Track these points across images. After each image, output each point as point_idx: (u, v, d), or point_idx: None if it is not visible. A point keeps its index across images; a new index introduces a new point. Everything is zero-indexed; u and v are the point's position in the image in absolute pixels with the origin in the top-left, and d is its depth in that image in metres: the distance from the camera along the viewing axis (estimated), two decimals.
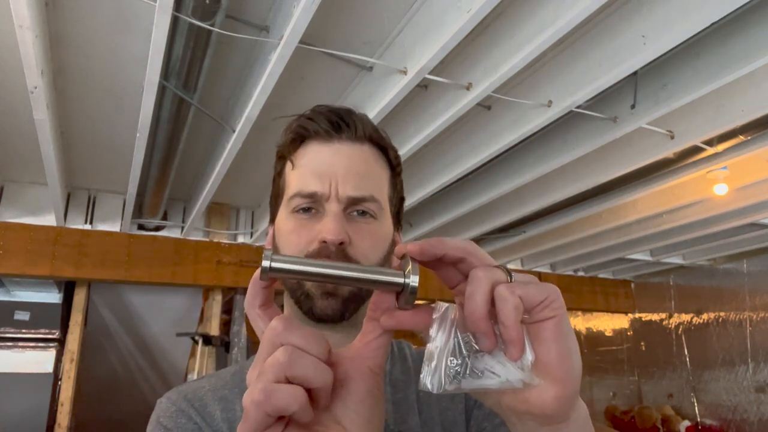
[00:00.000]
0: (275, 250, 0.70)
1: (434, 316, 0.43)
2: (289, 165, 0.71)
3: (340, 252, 0.64)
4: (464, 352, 0.42)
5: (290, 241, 0.67)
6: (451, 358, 0.41)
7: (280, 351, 0.40)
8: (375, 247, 0.68)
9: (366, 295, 0.67)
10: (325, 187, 0.66)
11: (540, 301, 0.41)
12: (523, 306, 0.40)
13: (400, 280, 0.43)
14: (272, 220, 0.76)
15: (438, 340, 0.42)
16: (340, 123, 0.69)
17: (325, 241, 0.63)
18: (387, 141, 0.74)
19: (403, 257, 0.44)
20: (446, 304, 0.43)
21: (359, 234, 0.66)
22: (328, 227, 0.64)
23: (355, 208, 0.67)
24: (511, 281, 0.42)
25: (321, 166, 0.68)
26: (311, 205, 0.67)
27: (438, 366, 0.41)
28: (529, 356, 0.41)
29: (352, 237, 0.65)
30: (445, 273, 0.45)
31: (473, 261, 0.43)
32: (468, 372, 0.41)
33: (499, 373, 0.41)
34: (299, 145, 0.71)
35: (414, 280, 0.42)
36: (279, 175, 0.74)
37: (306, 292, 0.65)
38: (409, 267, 0.43)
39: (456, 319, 0.42)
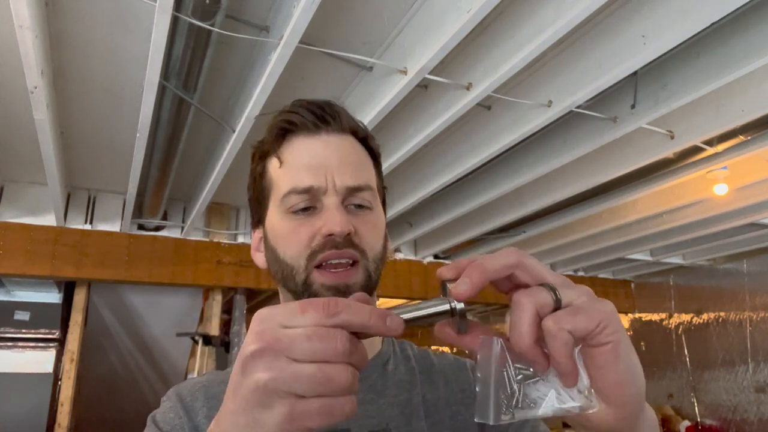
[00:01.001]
0: (268, 254, 0.68)
1: (480, 350, 0.42)
2: (274, 162, 0.68)
3: (347, 242, 0.62)
4: (515, 383, 0.41)
5: (291, 242, 0.65)
6: (503, 390, 0.41)
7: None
8: (376, 237, 0.67)
9: (374, 286, 0.66)
10: (321, 180, 0.64)
11: (591, 330, 0.39)
12: (573, 339, 0.39)
13: (446, 306, 0.42)
14: (256, 224, 0.73)
15: (487, 370, 0.41)
16: (324, 115, 0.68)
17: (330, 234, 0.62)
18: (367, 131, 0.73)
19: (442, 286, 0.44)
20: (493, 337, 0.42)
21: (362, 224, 0.65)
22: (334, 219, 0.62)
23: (352, 200, 0.66)
24: (556, 298, 0.40)
25: (313, 159, 0.65)
26: (308, 203, 0.64)
27: (489, 397, 0.41)
28: (584, 381, 0.40)
29: (357, 227, 0.64)
30: (494, 282, 0.45)
31: (519, 275, 0.43)
32: (521, 403, 0.41)
33: (554, 401, 0.40)
34: (283, 140, 0.68)
35: (459, 304, 0.42)
36: (261, 176, 0.71)
37: (315, 292, 0.63)
38: (449, 289, 0.43)
39: (505, 347, 0.42)
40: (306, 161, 0.66)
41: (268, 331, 0.39)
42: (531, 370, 0.41)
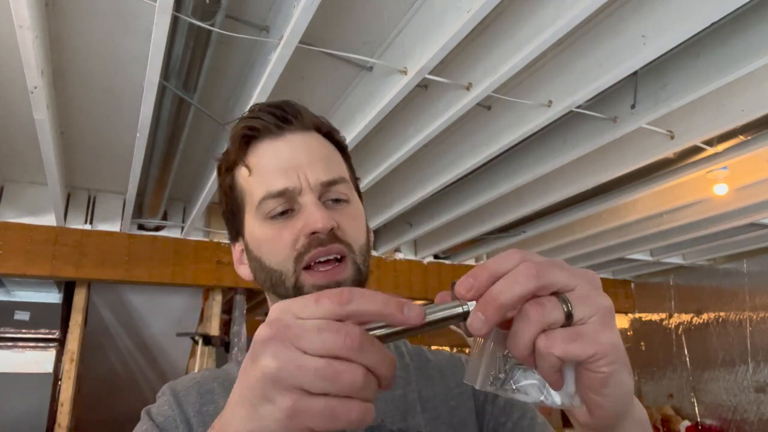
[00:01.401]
0: (253, 264, 0.67)
1: None
2: (243, 172, 0.67)
3: (332, 237, 0.62)
4: (506, 366, 0.41)
5: (275, 247, 0.63)
6: (495, 367, 0.41)
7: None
8: (359, 228, 0.66)
9: (364, 279, 0.65)
10: (294, 180, 0.63)
11: (587, 357, 0.38)
12: (561, 362, 0.38)
13: (460, 309, 0.41)
14: (235, 237, 0.72)
15: (482, 348, 0.42)
16: (285, 115, 0.67)
17: (314, 233, 0.61)
18: (330, 125, 0.72)
19: (452, 287, 0.43)
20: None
21: (342, 218, 0.64)
22: (315, 217, 0.61)
23: (329, 195, 0.65)
24: (568, 314, 0.38)
25: (282, 161, 0.64)
26: (286, 206, 0.63)
27: (482, 368, 0.42)
28: (570, 389, 0.40)
29: (339, 222, 0.63)
30: None
31: (539, 291, 0.40)
32: (507, 383, 0.41)
33: (537, 393, 0.41)
34: (248, 148, 0.67)
35: (471, 305, 0.41)
36: (232, 188, 0.69)
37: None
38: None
39: (502, 336, 0.41)
40: (275, 164, 0.64)
41: (281, 320, 0.38)
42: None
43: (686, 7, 1.60)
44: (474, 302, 0.40)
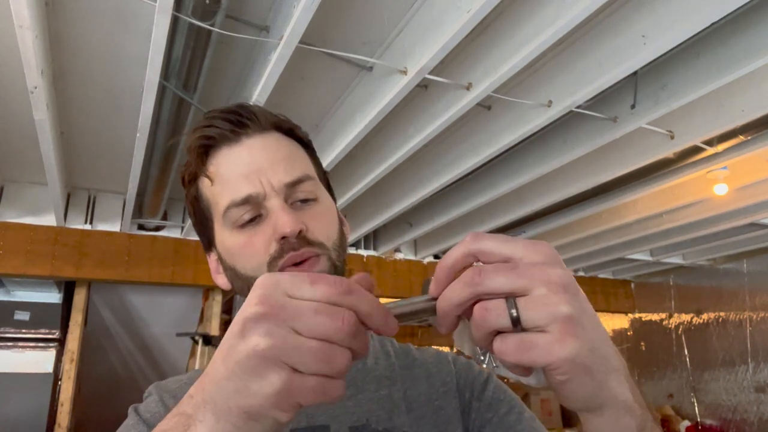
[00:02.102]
0: (229, 273, 0.67)
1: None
2: (206, 182, 0.66)
3: (302, 241, 0.61)
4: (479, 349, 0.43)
5: (246, 256, 0.63)
6: (473, 348, 0.43)
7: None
8: (330, 226, 0.66)
9: (341, 274, 0.64)
10: (257, 186, 0.62)
11: (541, 366, 0.37)
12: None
13: (431, 302, 0.43)
14: (208, 248, 0.72)
15: (463, 329, 0.43)
16: (241, 119, 0.65)
17: (284, 237, 0.60)
18: (291, 122, 0.71)
19: (425, 283, 0.44)
20: None
21: (312, 219, 0.63)
22: (282, 221, 0.60)
23: (296, 195, 0.64)
24: (514, 319, 0.37)
25: (243, 167, 0.63)
26: (253, 213, 0.62)
27: (465, 344, 0.43)
28: (540, 373, 0.41)
29: (308, 223, 0.62)
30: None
31: (484, 261, 0.42)
32: (488, 359, 0.42)
33: (514, 372, 0.41)
34: (207, 157, 0.66)
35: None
36: (197, 199, 0.68)
37: None
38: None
39: None
40: (236, 171, 0.63)
41: (273, 297, 0.38)
42: None
43: (686, 7, 1.60)
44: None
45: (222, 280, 0.70)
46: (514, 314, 0.37)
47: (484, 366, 0.42)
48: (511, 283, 0.37)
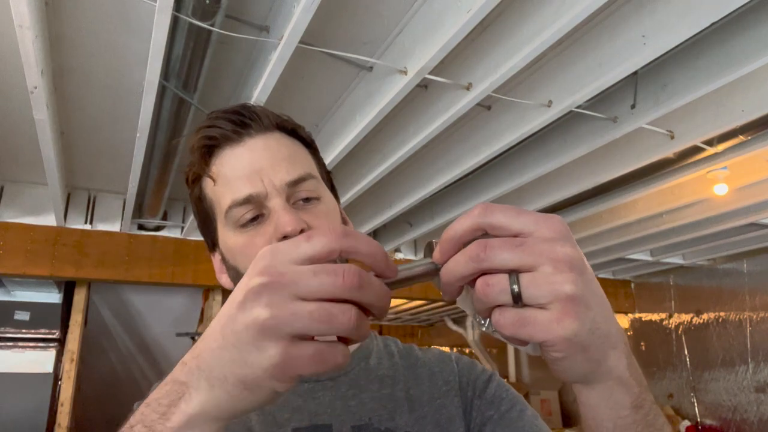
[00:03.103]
0: (231, 273, 0.67)
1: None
2: (209, 182, 0.67)
3: None
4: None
5: (248, 256, 0.62)
6: (476, 315, 0.43)
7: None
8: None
9: None
10: (258, 186, 0.62)
11: (537, 342, 0.38)
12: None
13: (432, 266, 0.43)
14: (212, 248, 0.72)
15: (467, 295, 0.43)
16: (243, 120, 0.66)
17: (284, 237, 0.59)
18: (293, 122, 0.71)
19: (427, 246, 0.44)
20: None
21: (314, 218, 0.64)
22: (283, 221, 0.60)
23: (298, 195, 0.64)
24: (515, 296, 0.37)
25: (244, 168, 0.64)
26: (255, 212, 0.63)
27: (468, 310, 0.43)
28: (537, 345, 0.42)
29: (310, 222, 0.62)
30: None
31: (487, 230, 0.41)
32: (490, 326, 0.42)
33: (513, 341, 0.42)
34: (210, 158, 0.66)
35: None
36: (200, 200, 0.69)
37: None
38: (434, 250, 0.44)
39: None
40: (238, 171, 0.64)
41: (273, 267, 0.37)
42: None
43: (686, 7, 1.60)
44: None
45: (225, 280, 0.70)
46: (516, 290, 0.37)
47: (484, 329, 0.42)
48: (516, 260, 0.37)
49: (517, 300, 0.37)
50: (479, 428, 0.70)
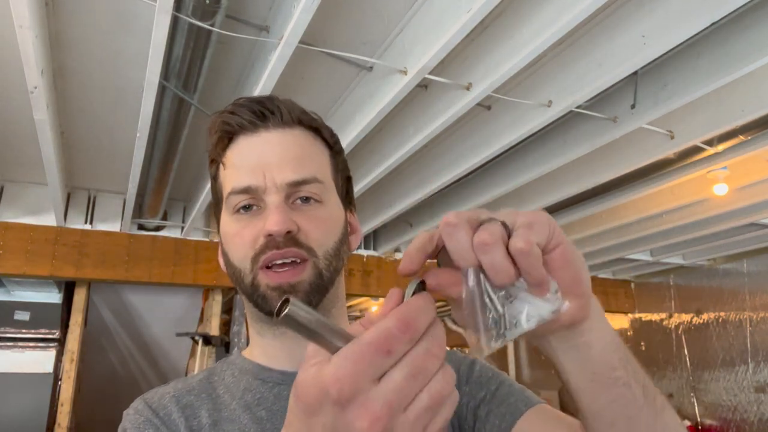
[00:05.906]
0: (224, 257, 0.68)
1: (462, 284, 0.43)
2: (221, 166, 0.68)
3: (290, 241, 0.61)
4: (498, 308, 0.42)
5: (237, 244, 0.64)
6: (491, 313, 0.42)
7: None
8: (327, 232, 0.65)
9: (328, 283, 0.64)
10: (259, 179, 0.62)
11: (548, 239, 0.41)
12: (540, 252, 0.41)
13: (414, 285, 0.42)
14: (218, 230, 0.72)
15: (471, 302, 0.42)
16: (263, 111, 0.66)
17: (270, 235, 0.60)
18: (319, 121, 0.71)
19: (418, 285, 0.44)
20: (469, 268, 0.42)
21: (308, 221, 0.63)
22: (271, 219, 0.60)
23: (298, 195, 0.64)
24: (507, 228, 0.40)
25: (252, 159, 0.64)
26: (251, 202, 0.63)
27: (479, 329, 0.42)
28: (554, 286, 0.43)
29: (302, 225, 0.62)
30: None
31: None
32: (507, 324, 0.42)
33: (533, 313, 0.42)
34: (227, 143, 0.67)
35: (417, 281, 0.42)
36: (215, 180, 0.70)
37: (262, 294, 0.62)
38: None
39: (480, 273, 0.42)
40: (245, 162, 0.64)
41: (372, 402, 0.35)
42: (503, 291, 0.42)
43: (686, 7, 1.60)
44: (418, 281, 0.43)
45: (221, 262, 0.71)
46: (505, 225, 0.40)
47: (507, 338, 0.42)
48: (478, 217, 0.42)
49: (505, 226, 0.40)
50: (473, 411, 0.69)
